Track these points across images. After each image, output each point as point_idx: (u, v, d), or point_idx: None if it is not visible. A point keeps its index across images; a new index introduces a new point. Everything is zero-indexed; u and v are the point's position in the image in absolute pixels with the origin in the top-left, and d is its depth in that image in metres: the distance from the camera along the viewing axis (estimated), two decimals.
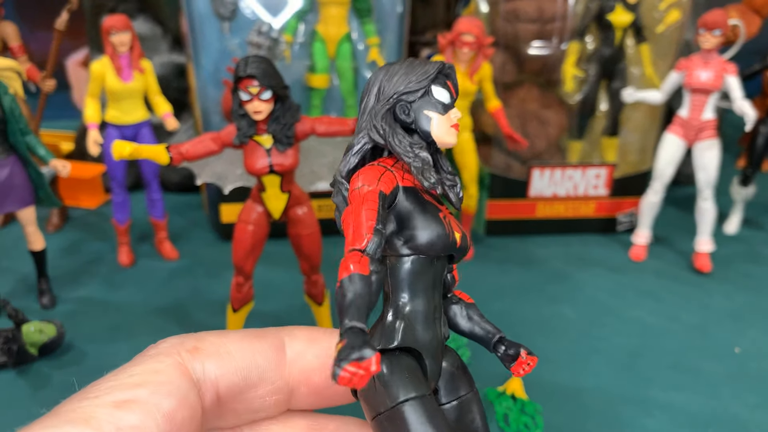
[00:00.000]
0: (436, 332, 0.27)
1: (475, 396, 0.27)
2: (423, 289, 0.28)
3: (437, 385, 0.28)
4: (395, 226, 0.27)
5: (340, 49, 1.24)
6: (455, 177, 0.28)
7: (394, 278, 0.28)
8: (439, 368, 0.27)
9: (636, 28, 1.29)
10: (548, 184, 1.32)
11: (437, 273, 0.28)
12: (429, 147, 0.28)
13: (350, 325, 0.22)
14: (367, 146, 0.28)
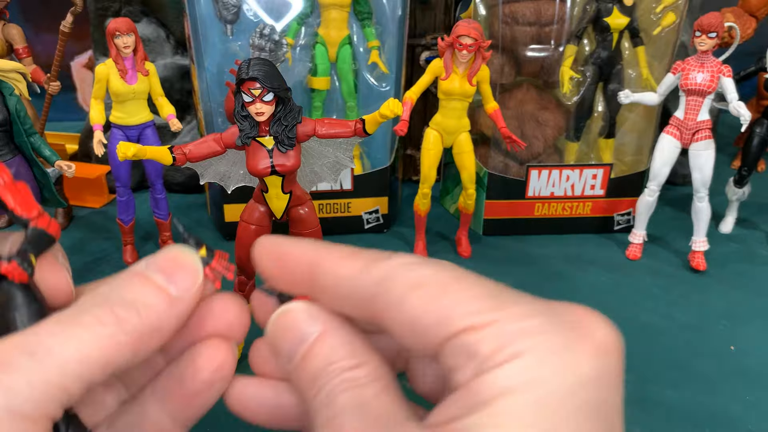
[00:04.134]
0: None
1: (12, 305, 0.30)
2: None
3: None
4: None
5: (340, 52, 1.25)
6: None
7: None
8: None
9: (632, 31, 1.31)
10: (546, 184, 1.34)
11: None
12: None
13: None
14: None
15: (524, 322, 0.24)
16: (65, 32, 1.33)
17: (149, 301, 0.29)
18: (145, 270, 0.30)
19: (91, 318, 0.27)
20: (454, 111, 1.15)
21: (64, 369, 0.26)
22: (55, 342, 0.26)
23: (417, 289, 0.27)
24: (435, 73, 1.13)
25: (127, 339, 0.27)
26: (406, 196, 1.51)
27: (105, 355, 0.27)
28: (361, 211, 1.35)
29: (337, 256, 0.30)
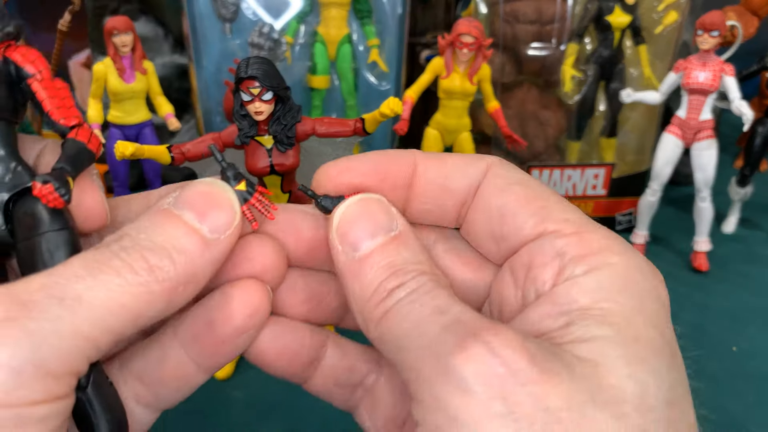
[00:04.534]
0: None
1: (43, 237, 0.28)
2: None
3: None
4: None
5: (340, 51, 1.24)
6: None
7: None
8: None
9: (634, 30, 1.30)
10: (547, 184, 1.33)
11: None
12: None
13: None
14: None
15: (609, 240, 0.26)
16: (63, 31, 1.32)
17: (182, 245, 0.26)
18: (173, 207, 0.27)
19: (121, 263, 0.24)
20: (454, 110, 1.14)
21: (94, 319, 0.23)
22: (84, 287, 0.23)
23: (519, 184, 0.28)
24: (435, 71, 1.12)
25: (160, 288, 0.25)
26: None
27: (137, 306, 0.24)
28: None
29: (434, 156, 0.31)
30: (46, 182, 0.26)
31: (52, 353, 0.22)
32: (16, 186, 0.29)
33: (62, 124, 0.29)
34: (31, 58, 0.30)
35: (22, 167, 0.29)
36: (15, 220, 0.29)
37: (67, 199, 0.26)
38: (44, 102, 0.29)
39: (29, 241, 0.28)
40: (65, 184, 0.26)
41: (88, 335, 0.23)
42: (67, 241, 0.28)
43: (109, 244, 0.25)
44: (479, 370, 0.21)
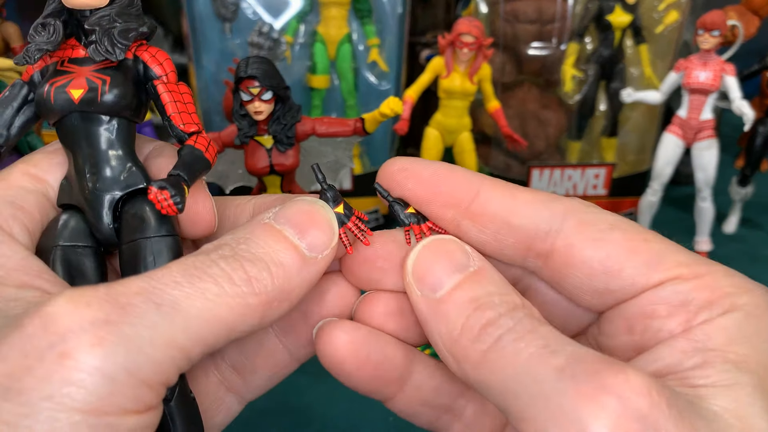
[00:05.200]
0: (85, 186, 0.29)
1: (148, 241, 0.28)
2: (71, 150, 0.30)
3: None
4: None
5: (340, 50, 1.24)
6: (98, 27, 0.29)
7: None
8: (102, 219, 0.29)
9: (635, 29, 1.30)
10: (547, 184, 1.33)
11: (83, 131, 0.29)
12: (68, 21, 0.30)
13: None
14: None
15: (732, 278, 0.25)
16: None
17: (281, 259, 0.25)
18: (274, 222, 0.27)
19: (220, 272, 0.24)
20: (454, 110, 1.14)
21: (189, 329, 0.22)
22: (182, 294, 0.22)
23: (612, 229, 0.26)
24: (435, 71, 1.12)
25: (257, 302, 0.24)
26: None
27: (232, 319, 0.23)
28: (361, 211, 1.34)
29: (503, 185, 0.29)
30: (162, 188, 0.26)
31: (147, 361, 0.21)
32: (129, 186, 0.29)
33: (182, 129, 0.29)
34: (159, 60, 0.30)
35: (137, 168, 0.29)
36: (123, 220, 0.29)
37: (180, 208, 0.26)
38: (167, 105, 0.30)
39: (134, 243, 0.28)
40: (181, 192, 0.26)
41: (182, 345, 0.22)
42: (171, 247, 0.28)
43: (209, 252, 0.25)
44: (611, 425, 0.19)
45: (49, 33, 0.29)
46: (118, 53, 0.28)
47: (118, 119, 0.29)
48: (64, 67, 0.29)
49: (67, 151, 0.30)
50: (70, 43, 0.30)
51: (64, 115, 0.29)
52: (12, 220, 0.27)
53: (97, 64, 0.29)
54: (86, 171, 0.29)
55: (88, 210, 0.29)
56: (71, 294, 0.22)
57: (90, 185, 0.29)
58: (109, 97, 0.28)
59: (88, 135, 0.29)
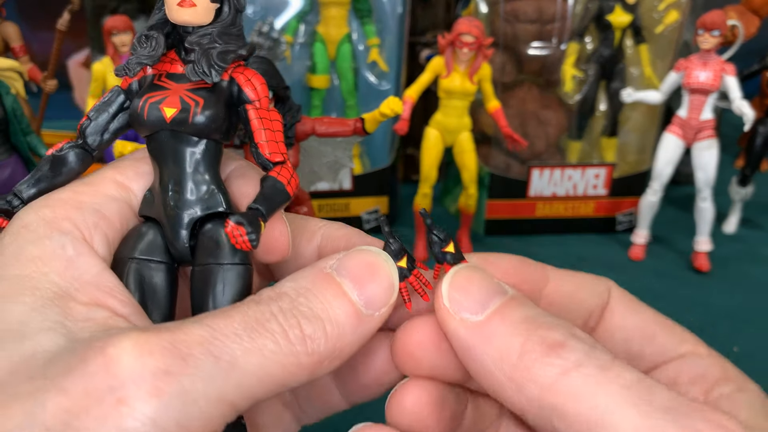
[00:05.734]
0: (167, 202, 0.29)
1: (221, 268, 0.28)
2: (158, 165, 0.30)
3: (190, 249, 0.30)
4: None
5: (340, 50, 1.24)
6: (197, 52, 0.29)
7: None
8: (179, 236, 0.29)
9: (635, 29, 1.30)
10: (548, 184, 1.33)
11: (171, 149, 0.29)
12: (170, 33, 0.30)
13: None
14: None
15: (733, 366, 0.30)
16: (62, 30, 1.32)
17: (337, 318, 0.25)
18: (335, 273, 0.26)
19: (278, 328, 0.24)
20: (455, 110, 1.14)
21: (242, 386, 0.23)
22: (240, 350, 0.23)
23: (643, 306, 0.31)
24: (435, 71, 1.12)
25: (308, 362, 0.24)
26: (406, 196, 1.50)
27: (283, 377, 0.24)
28: (360, 211, 1.34)
29: (559, 271, 0.32)
30: (239, 224, 0.26)
31: (198, 415, 0.22)
32: (209, 208, 0.29)
33: (268, 158, 0.29)
34: (255, 84, 0.30)
35: (219, 191, 0.30)
36: (199, 240, 0.29)
37: (255, 245, 0.26)
38: (256, 132, 0.29)
39: (207, 267, 0.29)
40: (257, 228, 0.26)
41: (233, 400, 0.23)
42: (242, 277, 0.28)
43: (269, 302, 0.25)
44: None
45: (151, 46, 0.29)
46: (214, 75, 0.29)
47: (207, 141, 0.29)
48: (161, 82, 0.30)
49: (154, 164, 0.30)
50: (170, 56, 0.31)
51: (155, 131, 0.29)
52: (94, 229, 0.27)
53: (193, 84, 0.29)
54: (170, 188, 0.29)
55: (167, 225, 0.29)
56: (137, 339, 0.22)
57: (171, 202, 0.29)
58: (200, 119, 0.28)
59: (175, 153, 0.29)
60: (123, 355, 0.21)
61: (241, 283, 0.28)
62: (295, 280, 0.26)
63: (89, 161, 0.30)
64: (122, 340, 0.22)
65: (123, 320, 0.25)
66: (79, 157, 0.30)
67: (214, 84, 0.29)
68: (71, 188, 0.29)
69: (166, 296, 0.30)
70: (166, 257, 0.30)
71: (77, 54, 1.84)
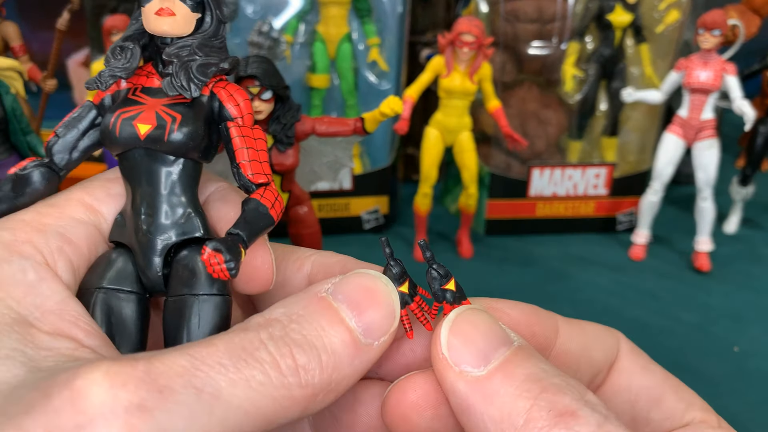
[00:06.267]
0: (139, 226, 0.27)
1: (196, 299, 0.26)
2: (131, 186, 0.28)
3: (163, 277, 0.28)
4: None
5: (340, 50, 1.24)
6: (175, 65, 0.27)
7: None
8: (151, 264, 0.27)
9: (635, 28, 1.29)
10: (548, 183, 1.32)
11: (145, 168, 0.27)
12: (147, 45, 0.28)
13: None
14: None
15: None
16: (62, 30, 1.31)
17: (333, 347, 0.23)
18: (331, 298, 0.24)
19: (268, 357, 0.22)
20: (455, 109, 1.14)
21: (228, 420, 0.20)
22: (225, 382, 0.20)
23: (652, 363, 0.29)
24: (435, 70, 1.12)
25: (301, 395, 0.22)
26: (406, 195, 1.50)
27: (273, 411, 0.21)
28: (360, 211, 1.33)
29: (573, 325, 0.29)
30: (217, 251, 0.23)
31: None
32: (185, 233, 0.27)
33: (250, 180, 0.27)
34: (237, 100, 0.28)
35: (197, 214, 0.28)
36: (173, 269, 0.27)
37: (233, 274, 0.24)
38: (238, 152, 0.27)
39: (181, 298, 0.26)
40: (236, 256, 0.24)
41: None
42: (219, 308, 0.26)
43: (258, 329, 0.22)
44: None
45: (126, 58, 0.27)
46: (193, 90, 0.27)
47: (185, 160, 0.27)
48: (136, 96, 0.28)
49: (127, 186, 0.28)
50: (147, 69, 0.29)
51: (127, 149, 0.27)
52: (58, 254, 0.25)
53: (170, 99, 0.27)
54: (142, 211, 0.27)
55: (139, 252, 0.27)
56: (107, 369, 0.20)
57: (144, 227, 0.27)
58: (177, 137, 0.26)
59: (149, 173, 0.27)
60: (92, 387, 0.19)
61: (218, 315, 0.26)
62: (287, 306, 0.24)
63: (55, 182, 0.28)
64: (91, 371, 0.19)
65: (90, 352, 0.23)
66: (44, 177, 0.27)
67: (192, 99, 0.27)
68: (35, 209, 0.27)
69: (137, 329, 0.27)
70: (137, 287, 0.27)
71: (77, 53, 1.84)
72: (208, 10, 0.28)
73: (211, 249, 0.23)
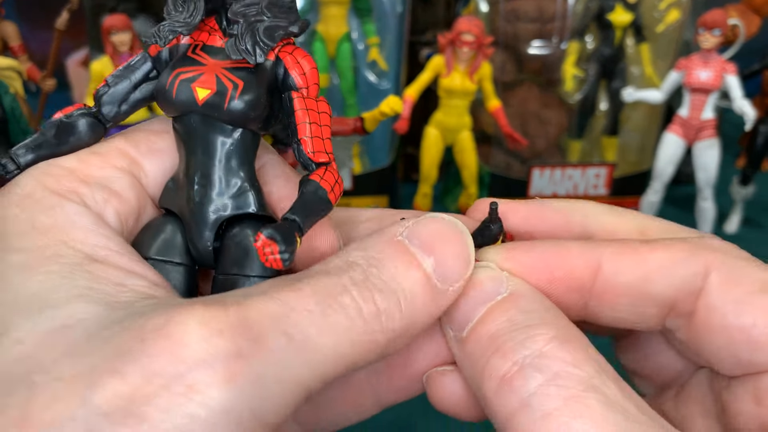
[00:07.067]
0: (191, 196, 0.26)
1: (248, 280, 0.25)
2: (185, 152, 0.26)
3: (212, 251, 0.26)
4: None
5: (340, 49, 1.24)
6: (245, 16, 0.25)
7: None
8: (202, 236, 0.26)
9: (636, 28, 1.29)
10: (548, 183, 1.32)
11: (201, 136, 0.25)
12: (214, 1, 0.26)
13: None
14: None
15: None
16: (61, 30, 1.31)
17: (412, 291, 0.23)
18: (407, 242, 0.23)
19: (352, 302, 0.21)
20: (455, 109, 1.14)
21: (316, 368, 0.20)
22: (313, 328, 0.20)
23: (762, 291, 0.23)
24: (435, 70, 1.11)
25: (384, 339, 0.22)
26: (406, 195, 1.49)
27: (354, 357, 0.21)
28: None
29: (626, 249, 0.25)
30: (272, 239, 0.22)
31: (272, 402, 0.19)
32: (239, 207, 0.26)
33: (311, 158, 0.25)
34: (304, 69, 0.26)
35: (253, 189, 0.26)
36: (224, 244, 0.26)
37: (286, 265, 0.22)
38: (300, 126, 0.25)
39: (231, 278, 0.25)
40: (292, 246, 0.22)
41: (306, 384, 0.20)
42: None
43: (339, 273, 0.22)
44: None
45: (189, 12, 0.26)
46: (258, 55, 0.25)
47: (243, 130, 0.25)
48: (196, 55, 0.26)
49: (180, 150, 0.26)
50: (209, 24, 0.26)
51: (183, 113, 0.25)
52: (104, 206, 0.24)
53: (233, 62, 0.25)
54: (195, 180, 0.25)
55: (190, 222, 0.26)
56: (202, 315, 0.19)
57: (197, 198, 0.25)
58: (237, 105, 0.25)
59: (205, 141, 0.25)
60: (190, 335, 0.19)
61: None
62: (365, 249, 0.23)
63: (101, 133, 0.27)
64: (187, 319, 0.19)
65: (164, 290, 0.23)
66: (90, 127, 0.26)
67: (257, 64, 0.25)
68: (77, 157, 0.25)
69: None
70: (186, 258, 0.26)
71: (76, 53, 1.83)
72: None
73: (266, 236, 0.22)
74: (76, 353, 0.19)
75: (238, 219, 0.26)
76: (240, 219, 0.26)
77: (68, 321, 0.20)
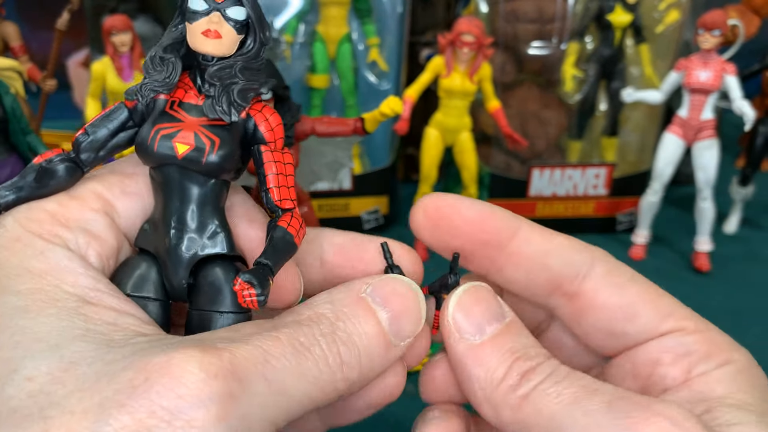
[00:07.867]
0: (167, 238, 0.28)
1: (221, 316, 0.28)
2: (162, 198, 0.29)
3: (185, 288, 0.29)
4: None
5: (340, 50, 1.24)
6: (217, 88, 0.28)
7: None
8: (177, 274, 0.29)
9: (635, 28, 1.29)
10: (548, 183, 1.32)
11: (177, 185, 0.28)
12: (186, 55, 0.29)
13: None
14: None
15: (725, 337, 0.31)
16: (61, 30, 1.31)
17: (371, 348, 0.27)
18: (370, 299, 0.28)
19: (321, 353, 0.25)
20: (455, 109, 1.14)
21: (289, 410, 0.24)
22: (290, 375, 0.24)
23: (632, 281, 0.31)
24: (435, 71, 1.12)
25: (343, 386, 0.26)
26: (406, 195, 1.50)
27: (319, 400, 0.25)
28: (360, 211, 1.33)
29: (540, 229, 0.32)
30: (249, 283, 0.25)
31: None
32: (212, 247, 0.29)
33: (278, 205, 0.28)
34: (272, 125, 0.29)
35: (224, 232, 0.29)
36: (198, 282, 0.29)
37: (261, 306, 0.25)
38: (269, 177, 0.28)
39: (204, 313, 0.28)
40: (266, 288, 0.25)
41: (277, 423, 0.24)
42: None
43: (310, 325, 0.26)
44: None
45: (167, 71, 0.28)
46: (233, 115, 0.28)
47: (216, 180, 0.28)
48: (174, 111, 0.28)
49: (157, 196, 0.29)
50: (185, 80, 0.29)
51: (162, 165, 0.28)
52: (86, 249, 0.27)
53: (208, 120, 0.28)
54: (171, 224, 0.28)
55: (166, 261, 0.28)
56: (201, 360, 0.22)
57: (173, 240, 0.28)
58: (214, 160, 0.27)
59: (182, 189, 0.28)
60: (190, 376, 0.21)
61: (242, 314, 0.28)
62: (332, 302, 0.27)
63: (78, 177, 0.29)
64: (187, 360, 0.22)
65: (151, 328, 0.25)
66: (69, 172, 0.28)
67: (231, 122, 0.28)
68: (56, 200, 0.28)
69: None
70: (161, 294, 0.29)
71: (76, 54, 1.84)
72: (252, 32, 0.28)
73: (244, 281, 0.25)
74: (85, 389, 0.21)
75: (210, 258, 0.29)
76: (212, 259, 0.29)
77: (73, 359, 0.22)
